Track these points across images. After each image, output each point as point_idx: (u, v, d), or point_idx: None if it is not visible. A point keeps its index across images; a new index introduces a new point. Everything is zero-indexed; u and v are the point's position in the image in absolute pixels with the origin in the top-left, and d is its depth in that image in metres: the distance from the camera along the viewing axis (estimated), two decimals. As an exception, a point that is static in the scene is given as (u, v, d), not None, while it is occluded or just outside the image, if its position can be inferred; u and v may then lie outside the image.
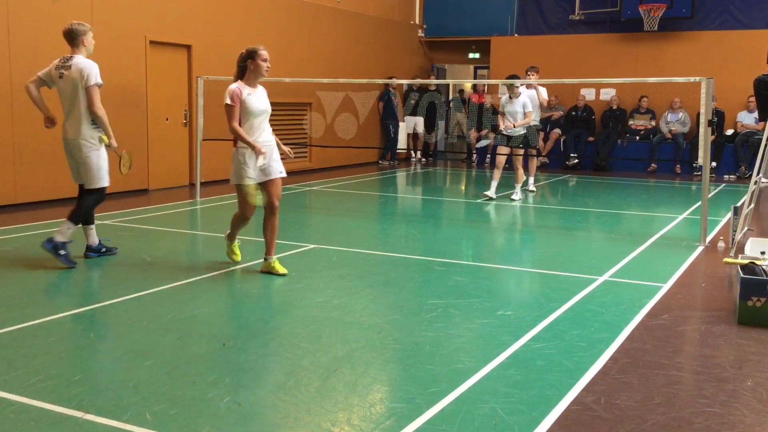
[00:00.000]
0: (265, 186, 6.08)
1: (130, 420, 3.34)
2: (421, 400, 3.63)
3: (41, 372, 3.90)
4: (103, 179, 6.40)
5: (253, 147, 5.89)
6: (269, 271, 6.12)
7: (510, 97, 10.77)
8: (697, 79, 8.02)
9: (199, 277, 6.05)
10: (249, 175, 5.98)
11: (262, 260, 6.22)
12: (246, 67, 6.01)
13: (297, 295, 5.61)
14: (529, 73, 11.50)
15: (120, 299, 5.36)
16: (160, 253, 6.90)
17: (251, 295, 5.62)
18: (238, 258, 6.47)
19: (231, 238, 6.46)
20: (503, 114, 10.84)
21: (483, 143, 10.28)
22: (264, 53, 6.05)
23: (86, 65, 6.25)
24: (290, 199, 10.97)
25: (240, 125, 5.95)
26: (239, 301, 5.55)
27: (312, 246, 7.32)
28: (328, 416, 3.46)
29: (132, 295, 5.45)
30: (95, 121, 6.29)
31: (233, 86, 5.96)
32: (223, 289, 5.78)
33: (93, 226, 6.62)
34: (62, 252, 6.21)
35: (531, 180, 12.07)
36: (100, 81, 6.29)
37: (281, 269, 6.12)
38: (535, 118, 11.84)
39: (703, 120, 7.78)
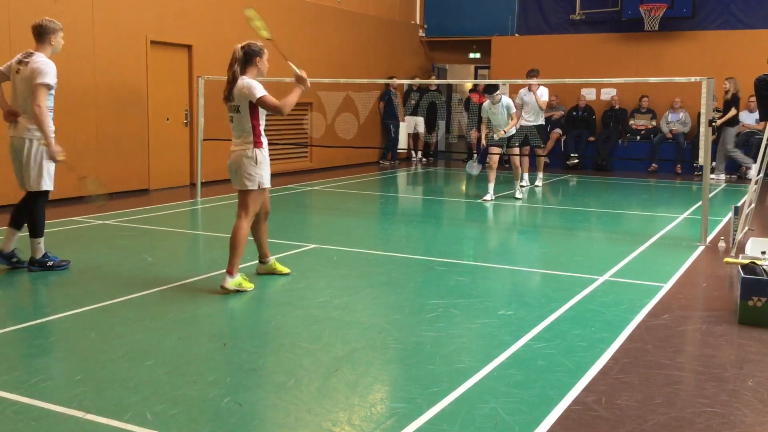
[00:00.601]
0: None
1: (131, 420, 3.34)
2: (421, 399, 3.63)
3: (42, 372, 3.91)
4: (46, 183, 6.03)
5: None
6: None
7: (492, 104, 10.69)
8: (698, 78, 8.02)
9: (200, 277, 6.05)
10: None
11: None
12: (253, 62, 5.63)
13: (298, 294, 5.61)
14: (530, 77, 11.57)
15: (121, 299, 5.36)
16: (161, 253, 6.91)
17: (252, 295, 5.62)
18: (287, 270, 6.12)
19: (266, 255, 6.03)
20: (486, 121, 10.77)
21: (473, 170, 10.29)
22: (267, 53, 5.80)
23: (42, 65, 5.84)
24: (291, 199, 10.97)
25: (259, 124, 5.63)
26: (240, 301, 5.55)
27: (313, 246, 7.32)
28: (329, 416, 3.46)
29: (133, 295, 5.45)
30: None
31: (252, 80, 5.56)
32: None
33: (40, 239, 6.12)
34: (50, 263, 6.10)
35: (540, 175, 12.13)
36: (50, 82, 5.85)
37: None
38: (534, 119, 11.85)
39: (703, 120, 7.78)
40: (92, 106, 10.30)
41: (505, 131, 10.62)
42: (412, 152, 17.37)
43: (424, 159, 17.44)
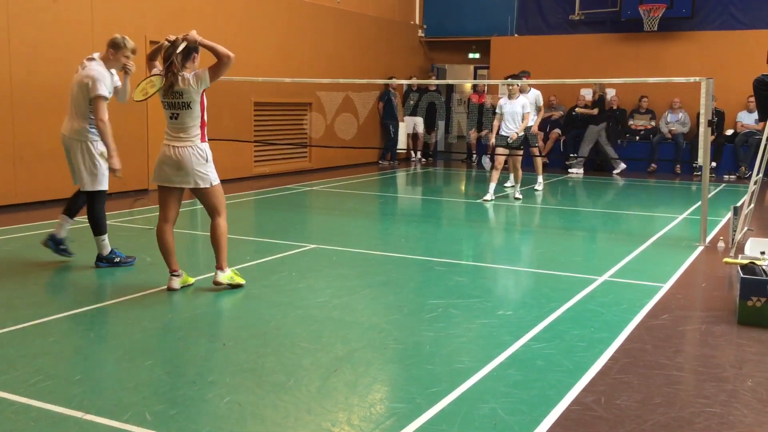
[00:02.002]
0: None
1: (131, 420, 3.34)
2: (421, 400, 3.63)
3: (41, 372, 3.91)
4: (101, 183, 6.24)
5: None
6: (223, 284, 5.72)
7: (509, 98, 10.76)
8: (697, 79, 8.02)
9: (199, 277, 6.04)
10: None
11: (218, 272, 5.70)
12: (191, 58, 5.57)
13: (297, 294, 5.61)
14: (523, 77, 11.56)
15: (120, 299, 5.36)
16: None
17: (251, 295, 5.62)
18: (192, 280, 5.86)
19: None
20: (501, 115, 10.80)
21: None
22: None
23: (97, 73, 6.05)
24: (290, 199, 10.97)
25: (204, 119, 5.62)
26: (239, 301, 5.55)
27: (312, 246, 7.32)
28: (329, 416, 3.46)
29: (132, 295, 5.45)
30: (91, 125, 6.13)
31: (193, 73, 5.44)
32: (224, 289, 5.77)
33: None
34: (117, 259, 6.36)
35: (540, 179, 12.13)
36: (105, 94, 6.06)
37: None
38: (533, 119, 11.84)
39: (703, 120, 7.78)
40: (91, 106, 10.29)
41: (517, 133, 10.59)
42: (412, 152, 17.37)
43: (423, 159, 17.45)
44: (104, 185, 6.27)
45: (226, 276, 5.61)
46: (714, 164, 14.42)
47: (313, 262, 6.69)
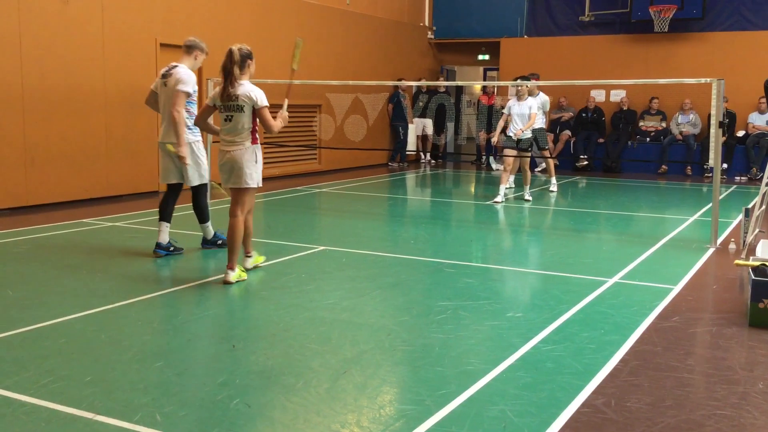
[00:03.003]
0: None
1: (141, 421, 3.35)
2: (430, 401, 3.63)
3: (52, 373, 3.93)
4: (203, 177, 6.88)
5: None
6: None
7: (518, 99, 10.75)
8: (708, 80, 7.99)
9: (209, 279, 6.06)
10: None
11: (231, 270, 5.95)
12: (246, 65, 5.87)
13: (306, 296, 5.62)
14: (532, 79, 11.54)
15: (131, 301, 5.38)
16: (170, 255, 6.92)
17: (261, 297, 5.63)
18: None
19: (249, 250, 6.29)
20: (508, 116, 10.79)
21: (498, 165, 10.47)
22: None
23: (184, 74, 6.61)
24: (299, 200, 10.99)
25: (257, 124, 5.95)
26: (249, 302, 5.56)
27: (321, 248, 7.33)
28: (338, 418, 3.46)
29: (143, 297, 5.47)
30: (188, 125, 6.62)
31: (257, 87, 5.89)
32: (233, 290, 5.79)
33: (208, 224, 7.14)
34: (220, 242, 7.06)
35: (553, 180, 12.11)
36: (189, 90, 6.55)
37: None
38: (540, 122, 11.80)
39: (714, 121, 7.75)
40: (102, 109, 10.35)
41: (522, 130, 10.58)
42: (421, 154, 17.37)
43: (432, 161, 17.45)
44: (206, 178, 6.94)
45: (235, 275, 5.89)
46: (725, 166, 14.35)
47: (322, 263, 6.70)
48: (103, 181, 10.43)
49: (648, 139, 15.68)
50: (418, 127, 17.04)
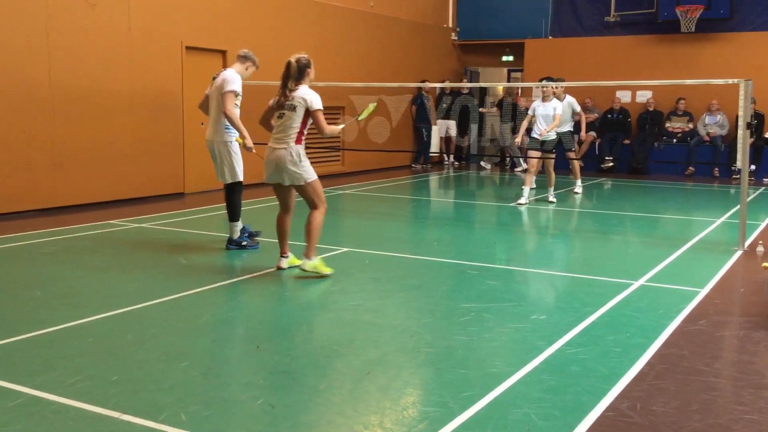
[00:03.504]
0: None
1: (166, 421, 3.38)
2: (453, 404, 3.62)
3: (80, 372, 3.97)
4: (238, 175, 7.11)
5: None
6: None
7: (542, 100, 10.71)
8: (736, 81, 7.89)
9: (233, 280, 6.10)
10: None
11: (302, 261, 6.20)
12: (305, 73, 6.17)
13: (330, 298, 5.63)
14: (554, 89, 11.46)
15: (156, 301, 5.43)
16: (195, 256, 6.98)
17: (285, 298, 5.65)
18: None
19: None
20: (533, 117, 10.74)
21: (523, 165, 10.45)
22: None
23: (230, 75, 6.98)
24: (323, 202, 11.01)
25: (306, 126, 6.16)
26: (273, 303, 5.59)
27: (345, 249, 7.34)
28: (361, 419, 3.47)
29: (168, 298, 5.52)
30: (226, 124, 6.95)
31: (313, 91, 6.15)
32: (257, 291, 5.83)
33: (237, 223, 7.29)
34: (244, 243, 7.23)
35: (578, 182, 12.03)
36: (236, 89, 6.89)
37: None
38: (568, 125, 11.72)
39: (741, 122, 7.65)
40: (128, 111, 10.47)
41: (547, 130, 10.52)
42: (445, 156, 17.34)
43: (456, 163, 17.41)
44: (240, 177, 7.14)
45: (311, 264, 6.08)
46: (753, 167, 14.16)
47: (345, 265, 6.71)
48: (130, 182, 10.55)
49: (674, 140, 15.52)
50: (442, 128, 17.02)
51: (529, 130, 11.04)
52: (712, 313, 5.31)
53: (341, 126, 6.48)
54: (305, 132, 6.15)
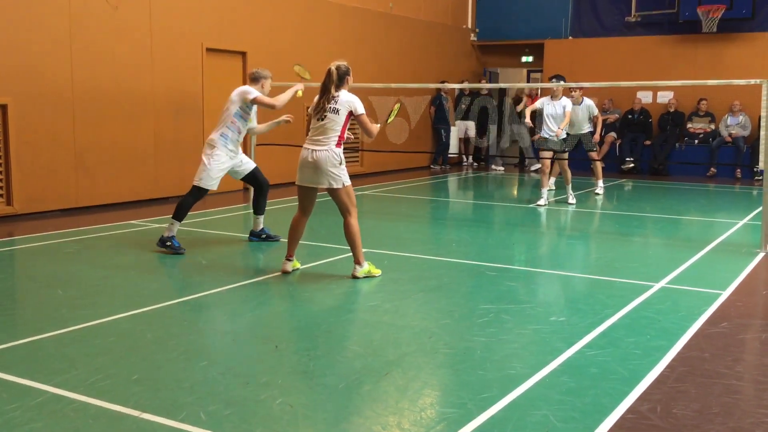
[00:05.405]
0: None
1: (186, 419, 3.41)
2: (472, 405, 3.61)
3: (101, 371, 4.01)
4: (203, 181, 7.11)
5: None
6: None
7: (552, 98, 10.62)
8: (758, 81, 7.81)
9: (253, 280, 6.13)
10: None
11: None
12: (345, 80, 6.21)
13: (349, 298, 5.64)
14: (572, 91, 11.36)
15: (176, 301, 5.47)
16: (215, 257, 7.02)
17: (304, 298, 5.67)
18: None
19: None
20: (540, 111, 10.67)
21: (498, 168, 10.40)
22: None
23: (244, 87, 7.26)
24: (342, 203, 11.02)
25: (346, 130, 6.18)
26: (292, 304, 5.61)
27: (364, 250, 7.32)
28: (379, 419, 3.47)
29: (188, 297, 5.56)
30: (228, 136, 7.14)
31: (356, 97, 6.21)
32: (277, 292, 5.85)
33: (260, 217, 7.72)
34: (263, 236, 7.68)
35: (600, 183, 11.96)
36: (257, 95, 7.14)
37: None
38: (588, 127, 11.64)
39: (764, 123, 7.57)
40: (150, 112, 10.55)
41: (561, 129, 10.45)
42: (463, 157, 17.31)
43: (475, 163, 17.37)
44: (205, 184, 7.13)
45: (363, 270, 6.17)
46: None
47: (364, 266, 6.71)
48: (151, 183, 10.63)
49: (696, 141, 15.38)
50: (461, 129, 16.99)
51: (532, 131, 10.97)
52: (734, 315, 5.26)
53: (379, 125, 6.50)
54: (344, 136, 6.17)
